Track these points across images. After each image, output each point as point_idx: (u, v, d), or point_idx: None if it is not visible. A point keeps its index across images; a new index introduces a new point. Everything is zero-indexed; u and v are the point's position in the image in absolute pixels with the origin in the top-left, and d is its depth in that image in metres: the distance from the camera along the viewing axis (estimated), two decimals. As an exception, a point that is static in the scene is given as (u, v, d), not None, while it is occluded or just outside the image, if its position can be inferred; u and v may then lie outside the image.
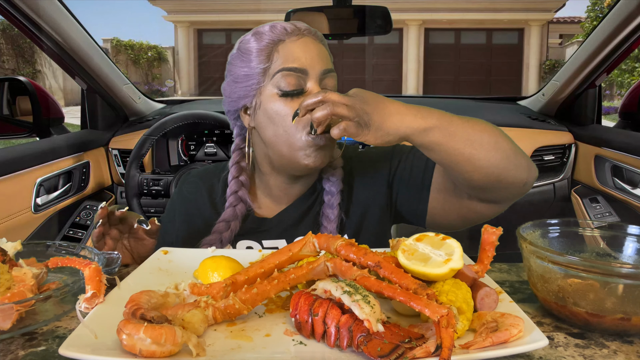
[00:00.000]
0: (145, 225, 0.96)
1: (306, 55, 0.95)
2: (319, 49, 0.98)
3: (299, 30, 0.98)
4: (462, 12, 15.68)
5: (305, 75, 0.95)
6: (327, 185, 1.05)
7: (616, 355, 0.61)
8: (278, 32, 0.97)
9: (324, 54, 0.98)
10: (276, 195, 1.08)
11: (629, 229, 0.80)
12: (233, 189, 1.06)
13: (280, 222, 1.06)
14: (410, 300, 0.59)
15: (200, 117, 1.79)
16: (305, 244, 0.74)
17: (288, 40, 0.96)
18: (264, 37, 0.97)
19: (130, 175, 1.79)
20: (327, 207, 1.04)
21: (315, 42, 0.98)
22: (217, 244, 1.01)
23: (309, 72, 0.95)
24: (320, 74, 0.96)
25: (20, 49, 13.05)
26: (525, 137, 2.04)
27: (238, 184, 1.07)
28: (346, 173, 1.08)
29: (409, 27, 16.02)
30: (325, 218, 1.03)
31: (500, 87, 16.05)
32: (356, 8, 1.88)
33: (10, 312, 0.64)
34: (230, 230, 1.03)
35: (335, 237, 0.72)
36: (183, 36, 16.97)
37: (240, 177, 1.07)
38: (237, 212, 1.04)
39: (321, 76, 0.96)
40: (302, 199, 1.07)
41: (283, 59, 0.95)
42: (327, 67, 0.97)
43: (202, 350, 0.59)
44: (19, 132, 2.02)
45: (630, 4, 1.59)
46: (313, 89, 0.95)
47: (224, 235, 1.02)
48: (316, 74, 0.95)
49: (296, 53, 0.95)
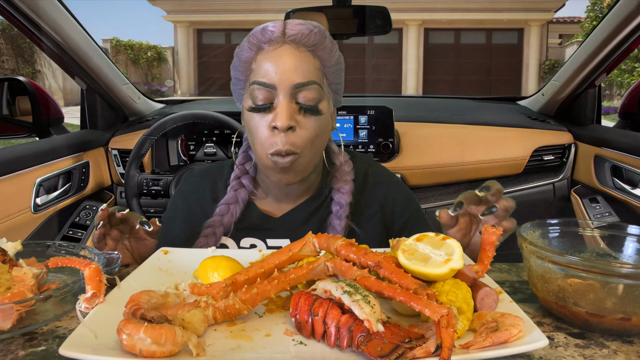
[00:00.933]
0: (147, 227, 0.95)
1: (278, 68, 0.91)
2: (298, 60, 0.92)
3: (281, 38, 0.93)
4: (461, 12, 15.69)
5: (274, 90, 0.92)
6: (337, 197, 1.05)
7: (616, 355, 0.61)
8: (263, 39, 0.94)
9: (303, 65, 0.92)
10: (276, 194, 1.07)
11: (629, 229, 0.80)
12: (236, 175, 1.07)
13: (285, 222, 1.06)
14: (410, 300, 0.59)
15: (200, 117, 1.79)
16: (305, 244, 0.74)
17: (267, 50, 0.94)
18: (252, 43, 0.95)
19: (129, 175, 1.79)
20: (335, 218, 1.03)
21: (295, 51, 0.93)
22: (218, 227, 1.02)
23: (277, 87, 0.92)
24: (291, 88, 0.92)
25: (20, 49, 13.05)
26: (525, 137, 2.05)
27: (242, 170, 1.07)
28: (357, 188, 1.08)
29: (409, 27, 16.03)
30: (332, 229, 1.03)
31: (499, 87, 16.05)
32: (356, 8, 1.88)
33: (10, 312, 0.64)
34: (231, 213, 1.03)
35: (335, 237, 0.72)
36: (183, 36, 16.97)
37: (245, 165, 1.08)
38: (238, 196, 1.04)
39: (292, 91, 0.92)
40: (309, 201, 1.07)
41: (256, 72, 0.94)
42: (302, 80, 0.92)
43: (202, 350, 0.59)
44: (18, 132, 2.02)
45: (629, 4, 1.59)
46: (281, 104, 0.92)
47: (225, 218, 1.03)
48: (286, 89, 0.92)
49: (268, 66, 0.92)
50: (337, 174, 1.07)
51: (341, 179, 1.06)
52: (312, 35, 0.94)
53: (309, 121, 0.94)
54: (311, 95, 0.93)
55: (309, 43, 0.94)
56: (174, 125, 1.79)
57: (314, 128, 0.94)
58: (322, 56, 0.96)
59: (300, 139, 0.93)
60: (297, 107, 0.93)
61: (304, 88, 0.93)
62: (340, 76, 1.02)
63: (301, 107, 0.93)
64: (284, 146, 0.91)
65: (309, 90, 0.93)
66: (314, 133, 0.94)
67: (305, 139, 0.93)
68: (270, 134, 0.92)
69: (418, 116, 2.16)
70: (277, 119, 0.91)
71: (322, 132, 0.97)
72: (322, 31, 0.97)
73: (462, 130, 2.07)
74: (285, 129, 0.91)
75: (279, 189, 1.06)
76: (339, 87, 1.03)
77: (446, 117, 2.15)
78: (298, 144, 0.92)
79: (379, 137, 2.00)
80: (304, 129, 0.93)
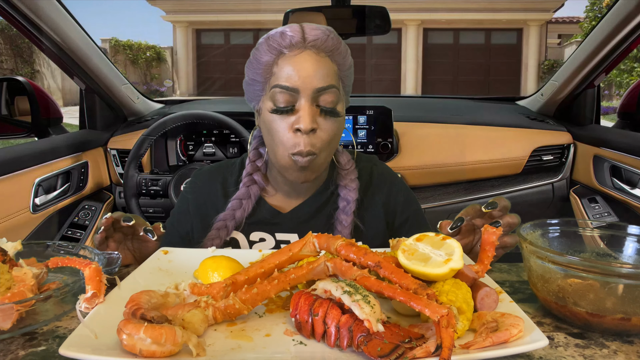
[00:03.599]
0: (151, 236, 0.96)
1: (300, 73, 0.95)
2: (318, 65, 0.96)
3: (302, 43, 0.96)
4: (460, 12, 15.69)
5: (297, 94, 0.96)
6: (343, 193, 1.09)
7: (616, 355, 0.61)
8: (283, 43, 0.97)
9: (323, 70, 0.97)
10: (286, 191, 1.11)
11: (628, 229, 0.80)
12: (248, 171, 1.11)
13: (293, 217, 1.10)
14: (410, 300, 0.59)
15: (199, 117, 1.79)
16: (305, 244, 0.74)
17: (288, 54, 0.97)
18: (271, 47, 0.98)
19: (128, 176, 1.79)
20: (342, 213, 1.08)
21: (316, 57, 0.96)
22: (230, 220, 1.06)
23: (300, 91, 0.96)
24: (313, 92, 0.96)
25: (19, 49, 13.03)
26: (524, 137, 2.05)
27: (254, 167, 1.11)
28: (363, 186, 1.12)
29: (408, 27, 16.03)
30: (339, 223, 1.07)
31: (499, 87, 16.06)
32: (355, 8, 1.88)
33: (10, 312, 0.64)
34: (243, 209, 1.07)
35: (335, 237, 0.72)
36: (182, 36, 16.95)
37: (257, 162, 1.12)
38: (250, 192, 1.09)
39: (314, 94, 0.96)
40: (315, 196, 1.11)
41: (279, 75, 0.97)
42: (323, 84, 0.96)
43: (202, 350, 0.59)
44: (17, 132, 2.01)
45: (629, 4, 1.59)
46: (304, 108, 0.96)
47: (237, 213, 1.07)
48: (308, 93, 0.96)
49: (291, 71, 0.96)
50: (343, 172, 1.11)
51: (347, 177, 1.11)
52: (330, 40, 0.98)
53: (328, 123, 0.98)
54: (330, 99, 0.98)
55: (327, 48, 0.98)
56: (174, 125, 1.79)
57: (332, 130, 0.99)
58: (339, 60, 1.01)
59: (320, 141, 0.97)
60: (318, 110, 0.97)
61: (324, 92, 0.97)
62: (352, 79, 1.07)
63: (322, 110, 0.98)
64: (306, 147, 0.96)
65: (329, 93, 0.97)
66: (332, 134, 0.99)
67: (325, 140, 0.98)
68: (293, 136, 0.97)
69: (417, 116, 2.16)
70: (301, 121, 0.95)
71: (339, 133, 1.02)
72: (337, 36, 1.01)
73: (461, 130, 2.07)
74: (309, 132, 0.95)
75: (290, 186, 1.10)
76: (349, 89, 1.08)
77: (445, 117, 2.15)
78: (318, 145, 0.97)
79: (378, 137, 2.00)
80: (324, 130, 0.98)
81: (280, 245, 1.07)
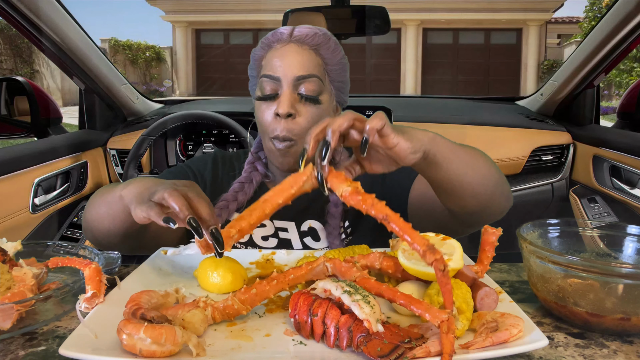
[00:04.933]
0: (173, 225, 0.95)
1: (283, 63, 1.02)
2: (301, 56, 1.02)
3: (288, 38, 1.04)
4: (460, 12, 15.69)
5: (279, 82, 1.02)
6: None
7: (616, 355, 0.61)
8: (273, 39, 1.05)
9: (305, 60, 1.02)
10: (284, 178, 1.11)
11: (628, 229, 0.80)
12: (249, 160, 1.15)
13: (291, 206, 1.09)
14: (411, 304, 0.59)
15: (199, 117, 1.79)
16: (307, 180, 0.75)
17: (274, 48, 1.05)
18: (264, 44, 1.07)
19: (128, 176, 1.79)
20: (332, 206, 1.09)
21: (298, 49, 1.03)
22: (232, 202, 1.09)
23: (281, 79, 1.01)
24: (294, 80, 1.01)
25: (18, 49, 13.02)
26: (524, 137, 2.05)
27: (255, 157, 1.16)
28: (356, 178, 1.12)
29: (407, 27, 16.03)
30: (331, 216, 1.09)
31: (498, 87, 16.05)
32: (354, 8, 1.88)
33: (10, 312, 0.64)
34: (244, 192, 1.11)
35: (339, 174, 0.70)
36: (181, 36, 16.94)
37: (259, 153, 1.16)
38: (252, 177, 1.13)
39: (295, 82, 1.01)
40: None
41: (265, 66, 1.05)
42: (303, 73, 1.01)
43: (202, 350, 0.59)
44: (17, 132, 2.01)
45: (628, 4, 1.60)
46: (284, 94, 1.01)
47: (239, 195, 1.10)
48: (289, 81, 1.01)
49: (275, 61, 1.03)
50: None
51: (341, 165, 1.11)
52: (316, 37, 1.05)
53: (308, 110, 1.02)
54: (312, 87, 1.02)
55: (312, 43, 1.04)
56: (173, 125, 1.79)
57: (312, 117, 1.02)
58: (325, 55, 1.06)
59: (298, 127, 1.01)
60: (299, 97, 1.02)
61: (305, 80, 1.02)
62: (344, 75, 1.10)
63: (302, 97, 1.02)
64: (282, 132, 1.01)
65: (310, 82, 1.02)
66: (312, 121, 1.01)
67: (303, 127, 1.01)
68: (273, 120, 1.02)
69: (416, 116, 2.16)
70: (280, 107, 1.00)
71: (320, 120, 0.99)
72: (327, 34, 1.07)
73: (461, 130, 2.07)
74: (286, 116, 1.00)
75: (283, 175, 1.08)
76: (342, 85, 1.10)
77: (445, 117, 2.14)
78: (295, 131, 1.01)
79: (377, 137, 1.99)
80: (303, 116, 1.02)
81: (279, 233, 1.10)
